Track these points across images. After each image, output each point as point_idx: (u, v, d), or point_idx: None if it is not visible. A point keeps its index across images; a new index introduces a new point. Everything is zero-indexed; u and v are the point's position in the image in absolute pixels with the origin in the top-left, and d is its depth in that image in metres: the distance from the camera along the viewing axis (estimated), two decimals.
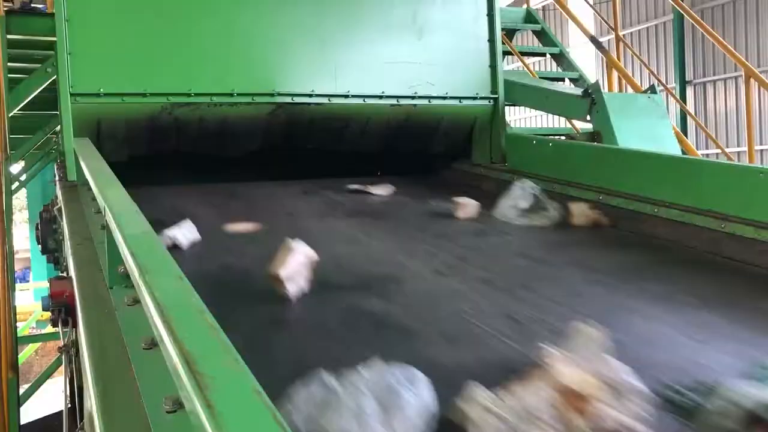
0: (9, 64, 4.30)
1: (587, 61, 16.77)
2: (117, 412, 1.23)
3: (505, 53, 6.01)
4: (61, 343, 2.16)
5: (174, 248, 2.66)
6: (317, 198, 3.85)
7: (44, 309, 1.90)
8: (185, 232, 2.74)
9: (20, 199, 15.71)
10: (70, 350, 1.95)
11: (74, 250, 2.25)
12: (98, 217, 2.43)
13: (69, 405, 2.26)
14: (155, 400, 1.16)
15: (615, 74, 6.31)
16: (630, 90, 5.90)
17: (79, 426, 1.77)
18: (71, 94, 3.60)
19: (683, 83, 16.44)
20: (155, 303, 1.06)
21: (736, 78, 15.62)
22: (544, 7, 18.61)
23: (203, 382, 0.78)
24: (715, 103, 16.43)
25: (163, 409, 1.10)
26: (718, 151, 11.90)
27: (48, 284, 2.02)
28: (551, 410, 1.32)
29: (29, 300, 14.96)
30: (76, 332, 1.88)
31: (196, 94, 3.84)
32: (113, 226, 1.59)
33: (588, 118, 4.57)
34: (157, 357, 1.33)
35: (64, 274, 2.93)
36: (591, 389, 1.33)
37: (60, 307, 1.86)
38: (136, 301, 1.63)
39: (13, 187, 7.79)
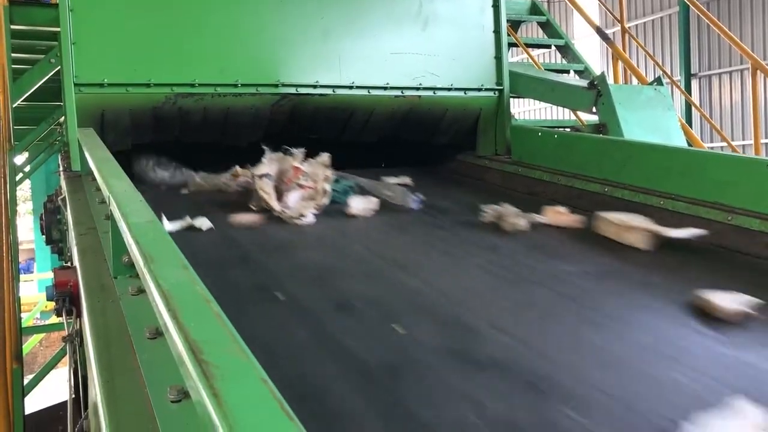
0: (13, 54, 4.28)
1: (592, 53, 16.72)
2: (121, 401, 1.22)
3: (510, 45, 5.98)
4: (65, 332, 2.15)
5: None
6: None
7: (48, 298, 1.89)
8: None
9: (24, 190, 15.75)
10: (74, 340, 1.95)
11: (78, 239, 2.25)
12: (102, 207, 2.43)
13: (73, 395, 2.26)
14: (159, 390, 1.16)
15: (620, 66, 6.28)
16: (636, 82, 5.87)
17: (83, 416, 1.77)
18: (75, 85, 3.59)
19: (688, 76, 16.38)
20: (160, 292, 1.05)
21: (741, 71, 15.57)
22: None
23: (209, 370, 0.77)
24: (720, 96, 16.38)
25: (168, 399, 1.10)
26: (723, 144, 11.87)
27: (52, 274, 2.02)
28: (228, 179, 3.74)
29: (33, 291, 15.03)
30: (80, 322, 1.88)
31: (200, 85, 3.83)
32: (118, 215, 1.59)
33: (594, 109, 4.54)
34: (161, 346, 1.33)
35: (69, 264, 2.93)
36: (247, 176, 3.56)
37: (64, 297, 1.85)
38: (141, 291, 1.63)
39: (18, 178, 7.80)
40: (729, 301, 2.09)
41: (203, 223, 2.94)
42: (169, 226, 2.73)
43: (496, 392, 1.62)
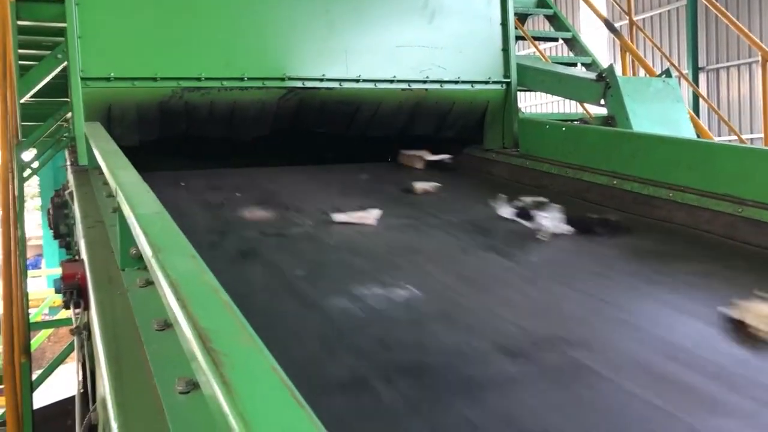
0: (20, 51, 4.28)
1: (598, 46, 16.65)
2: (129, 393, 1.22)
3: (518, 38, 5.95)
4: (73, 326, 2.15)
5: None
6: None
7: (56, 291, 1.88)
8: None
9: (32, 186, 15.80)
10: (82, 332, 1.95)
11: (86, 232, 2.25)
12: (109, 200, 2.43)
13: (81, 389, 2.25)
14: (168, 382, 1.15)
15: (628, 60, 6.23)
16: (644, 75, 5.83)
17: (91, 408, 1.76)
18: (82, 79, 3.59)
19: (696, 70, 16.29)
20: (169, 282, 1.05)
21: (750, 64, 15.48)
22: None
23: (218, 359, 0.76)
24: (728, 89, 16.28)
25: (176, 390, 1.09)
26: (732, 138, 11.80)
27: (60, 268, 2.01)
28: None
29: (42, 287, 15.10)
30: (88, 314, 1.88)
31: (207, 79, 3.82)
32: (125, 206, 1.58)
33: (602, 102, 4.50)
34: (169, 338, 1.32)
35: (77, 258, 2.93)
36: None
37: (72, 289, 1.84)
38: (148, 283, 1.62)
39: (25, 174, 7.81)
40: (421, 185, 3.80)
41: None
42: None
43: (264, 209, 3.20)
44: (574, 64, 6.47)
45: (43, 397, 5.78)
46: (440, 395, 1.56)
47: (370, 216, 3.13)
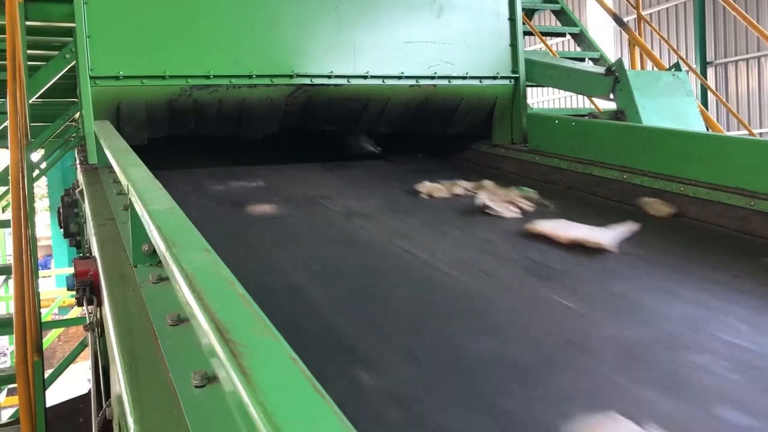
0: (28, 51, 4.29)
1: (606, 42, 16.59)
2: (144, 388, 1.22)
3: (525, 34, 5.93)
4: (83, 327, 2.15)
5: None
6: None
7: (69, 288, 1.89)
8: None
9: (40, 187, 15.86)
10: (95, 329, 1.95)
11: (97, 230, 2.25)
12: (120, 198, 2.43)
13: (95, 385, 2.26)
14: (183, 376, 1.15)
15: (637, 54, 6.20)
16: (652, 69, 5.79)
17: (106, 404, 1.77)
18: (91, 78, 3.59)
19: (704, 64, 16.19)
20: (184, 275, 1.05)
21: (758, 58, 15.39)
22: None
23: (237, 350, 0.76)
24: (737, 84, 16.19)
25: (192, 384, 1.09)
26: (742, 132, 11.74)
27: (72, 265, 2.01)
28: None
29: (51, 286, 15.18)
30: (101, 311, 1.88)
31: (215, 76, 3.82)
32: (137, 203, 1.58)
33: (611, 96, 4.48)
34: (183, 333, 1.33)
35: (88, 255, 2.94)
36: None
37: (84, 286, 1.85)
38: (161, 279, 1.63)
39: (34, 174, 7.84)
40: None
41: None
42: None
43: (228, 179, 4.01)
44: (582, 59, 6.45)
45: (53, 396, 5.81)
46: (242, 210, 3.28)
47: None
